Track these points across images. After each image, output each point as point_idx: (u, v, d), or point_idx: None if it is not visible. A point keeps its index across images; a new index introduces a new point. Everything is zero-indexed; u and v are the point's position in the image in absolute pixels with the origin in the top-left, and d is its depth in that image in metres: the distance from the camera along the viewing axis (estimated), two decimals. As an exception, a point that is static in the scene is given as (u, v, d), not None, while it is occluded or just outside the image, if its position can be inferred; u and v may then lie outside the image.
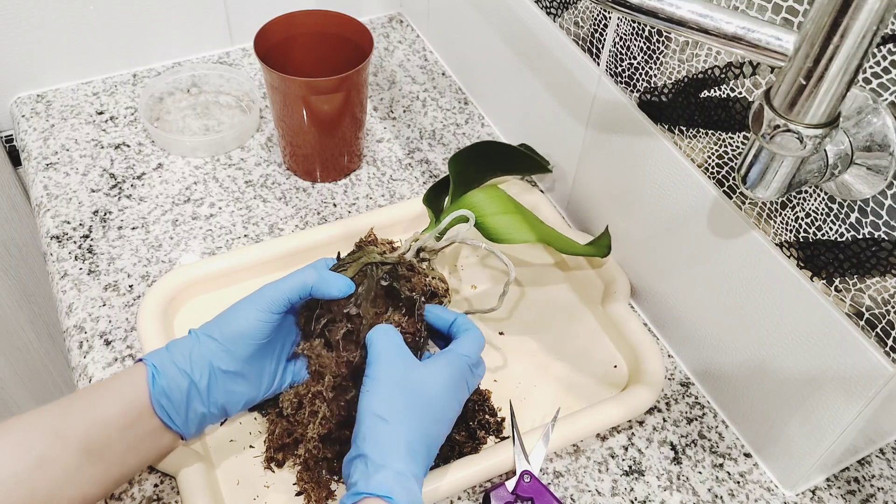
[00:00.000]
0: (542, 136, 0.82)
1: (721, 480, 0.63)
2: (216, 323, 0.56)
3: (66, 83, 0.93)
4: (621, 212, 0.72)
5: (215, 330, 0.56)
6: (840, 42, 0.36)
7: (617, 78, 0.67)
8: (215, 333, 0.56)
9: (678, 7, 0.42)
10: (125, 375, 0.54)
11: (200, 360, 0.55)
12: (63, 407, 0.50)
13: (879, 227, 0.48)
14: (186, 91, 0.94)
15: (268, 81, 0.77)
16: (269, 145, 0.88)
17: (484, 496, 0.60)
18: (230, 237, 0.78)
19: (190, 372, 0.54)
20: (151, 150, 0.86)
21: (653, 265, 0.70)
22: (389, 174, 0.86)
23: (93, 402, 0.51)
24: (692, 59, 0.58)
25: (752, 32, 0.40)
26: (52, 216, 0.78)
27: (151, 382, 0.53)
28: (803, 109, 0.39)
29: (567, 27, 0.71)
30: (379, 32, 1.06)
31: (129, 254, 0.75)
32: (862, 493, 0.63)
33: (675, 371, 0.70)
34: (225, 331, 0.55)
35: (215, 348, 0.55)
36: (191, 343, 0.55)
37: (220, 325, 0.56)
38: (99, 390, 0.52)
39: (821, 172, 0.47)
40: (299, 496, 0.60)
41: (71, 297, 0.72)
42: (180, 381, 0.54)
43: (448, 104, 0.95)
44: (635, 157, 0.68)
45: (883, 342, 0.49)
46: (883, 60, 0.44)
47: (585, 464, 0.64)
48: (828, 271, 0.52)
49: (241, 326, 0.56)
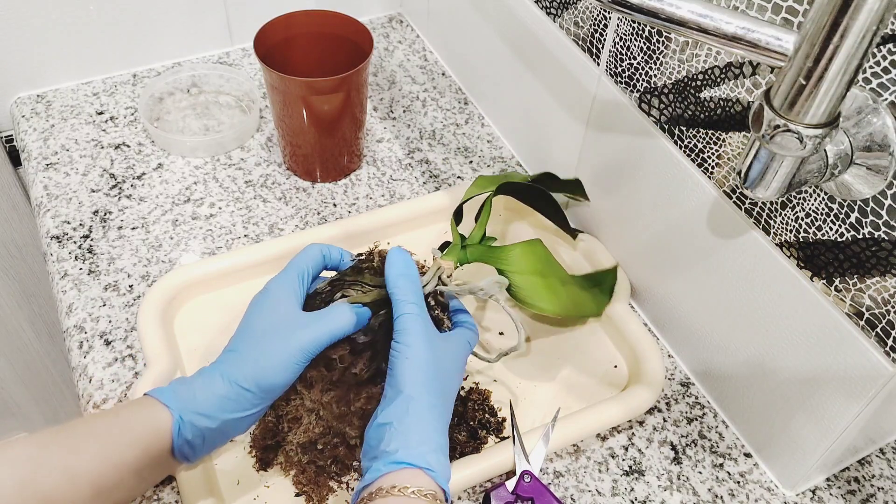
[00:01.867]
0: (542, 135, 0.82)
1: (721, 480, 0.63)
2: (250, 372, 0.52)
3: (66, 83, 0.93)
4: (621, 212, 0.72)
5: (250, 381, 0.52)
6: (840, 42, 0.36)
7: (617, 78, 0.67)
8: (250, 385, 0.52)
9: (678, 7, 0.42)
10: (144, 419, 0.50)
11: (230, 410, 0.52)
12: (74, 443, 0.48)
13: (879, 227, 0.48)
14: (186, 91, 0.94)
15: (268, 81, 0.77)
16: (269, 145, 0.88)
17: (484, 496, 0.60)
18: (230, 237, 0.78)
19: (219, 424, 0.52)
20: (151, 150, 0.86)
21: (653, 265, 0.70)
22: (389, 174, 0.86)
23: (107, 443, 0.48)
24: (692, 59, 0.58)
25: (752, 32, 0.40)
26: (52, 216, 0.79)
27: (176, 433, 0.51)
28: (803, 109, 0.39)
29: (567, 27, 0.71)
30: (379, 32, 1.06)
31: (129, 254, 0.75)
32: (862, 493, 0.63)
33: (675, 371, 0.70)
34: (262, 384, 0.52)
35: (250, 398, 0.52)
36: (221, 390, 0.52)
37: (256, 377, 0.52)
38: (114, 431, 0.49)
39: (821, 172, 0.47)
40: (299, 497, 0.60)
41: (71, 297, 0.72)
42: (205, 430, 0.52)
43: (448, 104, 0.95)
44: (635, 157, 0.68)
45: (883, 342, 0.49)
46: (883, 60, 0.44)
47: (585, 464, 0.64)
48: (828, 271, 0.52)
49: (279, 378, 0.52)
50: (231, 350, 0.54)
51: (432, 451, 0.48)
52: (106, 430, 0.49)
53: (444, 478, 0.48)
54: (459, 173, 0.86)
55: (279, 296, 0.55)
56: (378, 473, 0.47)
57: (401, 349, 0.52)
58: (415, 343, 0.52)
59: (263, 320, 0.54)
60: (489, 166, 0.87)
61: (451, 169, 0.87)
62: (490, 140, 0.91)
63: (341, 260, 0.61)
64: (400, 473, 0.47)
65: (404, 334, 0.52)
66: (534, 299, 0.63)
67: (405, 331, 0.52)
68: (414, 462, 0.47)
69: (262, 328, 0.54)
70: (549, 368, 0.70)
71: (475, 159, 0.88)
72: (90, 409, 0.64)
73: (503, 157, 0.89)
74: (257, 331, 0.54)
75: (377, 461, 0.48)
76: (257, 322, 0.54)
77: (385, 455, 0.48)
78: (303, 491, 0.59)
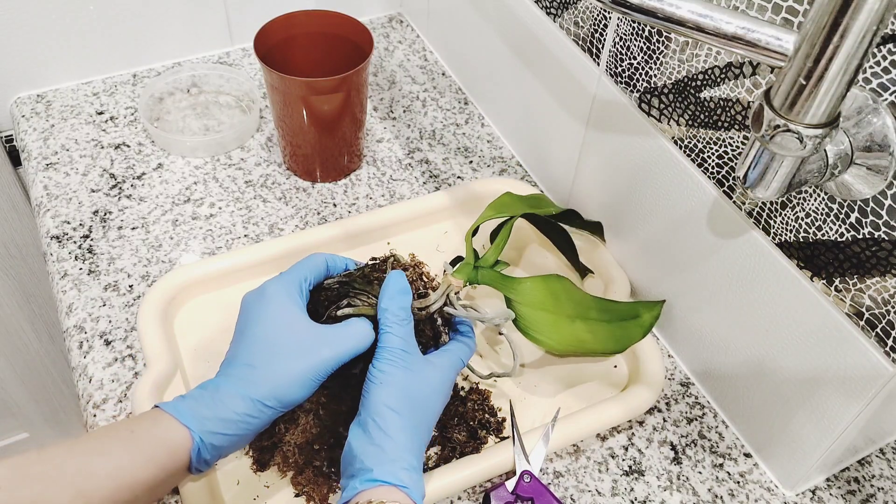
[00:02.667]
0: (542, 135, 0.82)
1: (721, 480, 0.63)
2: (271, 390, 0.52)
3: (66, 83, 0.93)
4: (621, 212, 0.72)
5: (272, 399, 0.52)
6: (840, 42, 0.36)
7: (617, 78, 0.67)
8: (273, 403, 0.52)
9: (678, 7, 0.42)
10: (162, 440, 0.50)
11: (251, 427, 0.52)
12: (89, 465, 0.47)
13: (879, 227, 0.48)
14: (186, 91, 0.94)
15: (268, 81, 0.77)
16: (269, 145, 0.88)
17: (484, 496, 0.60)
18: (230, 237, 0.78)
19: (237, 440, 0.52)
20: (151, 150, 0.86)
21: (653, 265, 0.70)
22: (389, 174, 0.86)
23: (122, 463, 0.48)
24: (692, 59, 0.58)
25: (752, 32, 0.40)
26: (52, 216, 0.78)
27: (195, 455, 0.50)
28: (803, 109, 0.39)
29: (567, 27, 0.71)
30: (379, 32, 1.06)
31: (129, 254, 0.75)
32: (862, 493, 0.63)
33: (675, 371, 0.70)
34: (284, 400, 0.52)
35: (270, 413, 0.52)
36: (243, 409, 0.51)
37: (278, 394, 0.52)
38: (129, 449, 0.48)
39: (821, 172, 0.47)
40: (299, 497, 0.60)
41: (71, 297, 0.72)
42: (222, 447, 0.52)
43: (448, 104, 0.95)
44: (635, 157, 0.68)
45: (883, 342, 0.49)
46: (883, 60, 0.44)
47: (585, 464, 0.64)
48: (828, 271, 0.52)
49: (301, 394, 0.52)
50: (247, 365, 0.52)
51: (404, 470, 0.50)
52: (122, 451, 0.48)
53: (418, 495, 0.50)
54: (459, 173, 0.86)
55: (282, 304, 0.55)
56: (355, 491, 0.49)
57: (375, 374, 0.53)
58: (390, 370, 0.53)
59: (275, 332, 0.53)
60: (489, 166, 0.87)
61: (451, 169, 0.87)
62: (490, 140, 0.91)
63: (346, 270, 0.61)
64: (376, 490, 0.49)
65: (382, 361, 0.53)
66: (534, 332, 0.64)
67: (383, 358, 0.54)
68: (388, 480, 0.49)
69: (277, 341, 0.53)
70: (549, 368, 0.70)
71: (475, 159, 0.88)
72: (90, 409, 0.64)
73: (503, 157, 0.89)
74: (271, 344, 0.53)
75: (354, 479, 0.50)
76: (267, 333, 0.53)
77: (361, 473, 0.50)
78: (303, 491, 0.59)
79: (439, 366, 0.56)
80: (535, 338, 0.64)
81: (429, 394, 0.54)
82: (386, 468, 0.50)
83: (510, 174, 0.87)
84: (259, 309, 0.55)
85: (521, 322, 0.64)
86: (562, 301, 0.65)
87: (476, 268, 0.65)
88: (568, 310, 0.65)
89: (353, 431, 0.52)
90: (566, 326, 0.65)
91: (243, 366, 0.53)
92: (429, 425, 0.54)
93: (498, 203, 0.71)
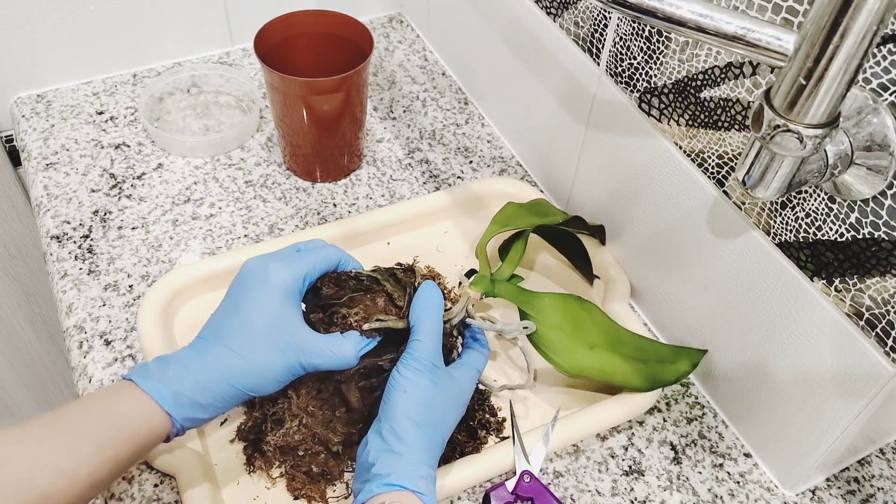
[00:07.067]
0: (542, 135, 0.82)
1: (721, 480, 0.63)
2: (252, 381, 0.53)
3: (66, 83, 0.93)
4: (621, 212, 0.72)
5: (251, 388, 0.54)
6: (840, 42, 0.36)
7: (617, 78, 0.67)
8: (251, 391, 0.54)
9: (678, 7, 0.42)
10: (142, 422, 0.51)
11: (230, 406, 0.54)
12: (72, 443, 0.48)
13: (879, 227, 0.48)
14: (186, 91, 0.94)
15: (268, 81, 0.77)
16: (269, 145, 0.88)
17: (484, 496, 0.60)
18: (230, 237, 0.78)
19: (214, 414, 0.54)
20: (151, 150, 0.86)
21: (653, 265, 0.70)
22: (389, 174, 0.86)
23: (103, 444, 0.49)
24: (692, 59, 0.58)
25: (752, 32, 0.40)
26: (52, 216, 0.79)
27: (174, 433, 0.53)
28: (803, 109, 0.39)
29: (567, 27, 0.71)
30: (379, 32, 1.06)
31: (129, 254, 0.75)
32: (862, 493, 0.63)
33: (675, 371, 0.70)
34: (260, 391, 0.54)
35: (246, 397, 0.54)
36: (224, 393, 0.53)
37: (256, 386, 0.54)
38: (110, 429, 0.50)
39: (821, 172, 0.47)
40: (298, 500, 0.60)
41: (71, 297, 0.72)
42: (198, 420, 0.54)
43: (448, 104, 0.95)
44: (635, 158, 0.68)
45: (883, 342, 0.49)
46: (883, 60, 0.44)
47: (585, 464, 0.64)
48: (828, 271, 0.52)
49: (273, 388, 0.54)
50: (236, 354, 0.53)
51: (421, 477, 0.51)
52: (103, 428, 0.50)
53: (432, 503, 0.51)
54: (459, 173, 0.86)
55: (283, 299, 0.55)
56: (371, 494, 0.50)
57: (401, 382, 0.53)
58: (417, 381, 0.53)
59: (265, 322, 0.54)
60: (489, 166, 0.87)
61: (451, 169, 0.87)
62: (490, 140, 0.91)
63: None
64: (392, 494, 0.49)
65: (410, 370, 0.54)
66: (548, 350, 0.64)
67: (412, 367, 0.54)
68: (405, 485, 0.50)
69: (265, 333, 0.53)
70: (550, 368, 0.70)
71: (475, 159, 0.88)
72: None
73: (503, 157, 0.89)
74: (259, 334, 0.53)
75: (370, 483, 0.50)
76: (258, 321, 0.54)
77: (378, 478, 0.50)
78: (300, 495, 0.59)
79: (460, 381, 0.56)
80: (548, 355, 0.64)
81: (449, 408, 0.55)
82: (403, 474, 0.50)
83: (510, 174, 0.87)
84: (259, 295, 0.55)
85: (536, 338, 0.64)
86: (583, 328, 0.65)
87: (492, 281, 0.66)
88: (590, 338, 0.65)
89: (372, 438, 0.53)
90: (582, 353, 0.64)
91: (232, 353, 0.53)
92: (444, 438, 0.55)
93: (502, 215, 0.71)
